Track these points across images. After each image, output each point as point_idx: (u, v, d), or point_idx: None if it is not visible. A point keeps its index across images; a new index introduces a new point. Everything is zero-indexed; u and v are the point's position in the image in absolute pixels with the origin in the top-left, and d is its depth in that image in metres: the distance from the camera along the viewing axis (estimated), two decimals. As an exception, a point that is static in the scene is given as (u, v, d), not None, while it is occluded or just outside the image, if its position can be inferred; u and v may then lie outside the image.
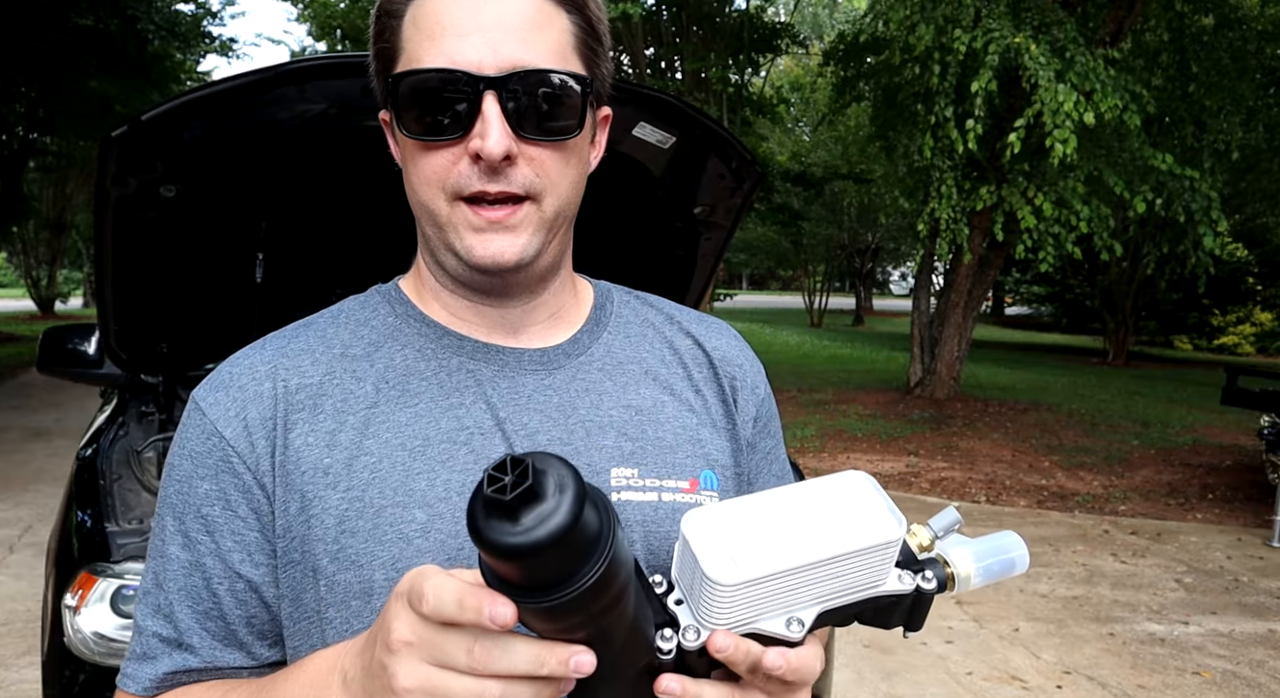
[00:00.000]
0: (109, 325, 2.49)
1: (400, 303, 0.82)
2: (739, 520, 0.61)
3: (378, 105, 0.78)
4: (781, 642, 0.60)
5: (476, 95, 0.68)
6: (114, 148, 1.91)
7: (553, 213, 0.74)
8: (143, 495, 2.35)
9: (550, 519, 0.47)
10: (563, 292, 0.84)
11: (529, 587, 0.49)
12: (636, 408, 0.81)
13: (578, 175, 0.76)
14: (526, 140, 0.70)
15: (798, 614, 0.60)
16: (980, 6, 7.97)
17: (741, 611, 0.59)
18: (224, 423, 0.73)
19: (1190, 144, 9.66)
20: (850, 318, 29.67)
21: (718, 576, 0.57)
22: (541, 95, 0.70)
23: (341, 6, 16.37)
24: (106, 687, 1.98)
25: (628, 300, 0.91)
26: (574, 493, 0.48)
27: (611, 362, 0.83)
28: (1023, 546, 0.68)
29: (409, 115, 0.71)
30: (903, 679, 3.81)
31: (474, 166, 0.70)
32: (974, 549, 0.67)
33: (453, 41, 0.69)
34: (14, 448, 7.58)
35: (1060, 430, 9.93)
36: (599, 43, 0.75)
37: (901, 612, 0.64)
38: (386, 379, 0.76)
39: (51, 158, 18.83)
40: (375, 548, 0.70)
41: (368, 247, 2.96)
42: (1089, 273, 20.24)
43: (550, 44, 0.71)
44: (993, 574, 0.67)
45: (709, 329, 0.91)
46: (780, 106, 16.88)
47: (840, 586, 0.61)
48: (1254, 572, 5.52)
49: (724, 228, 2.70)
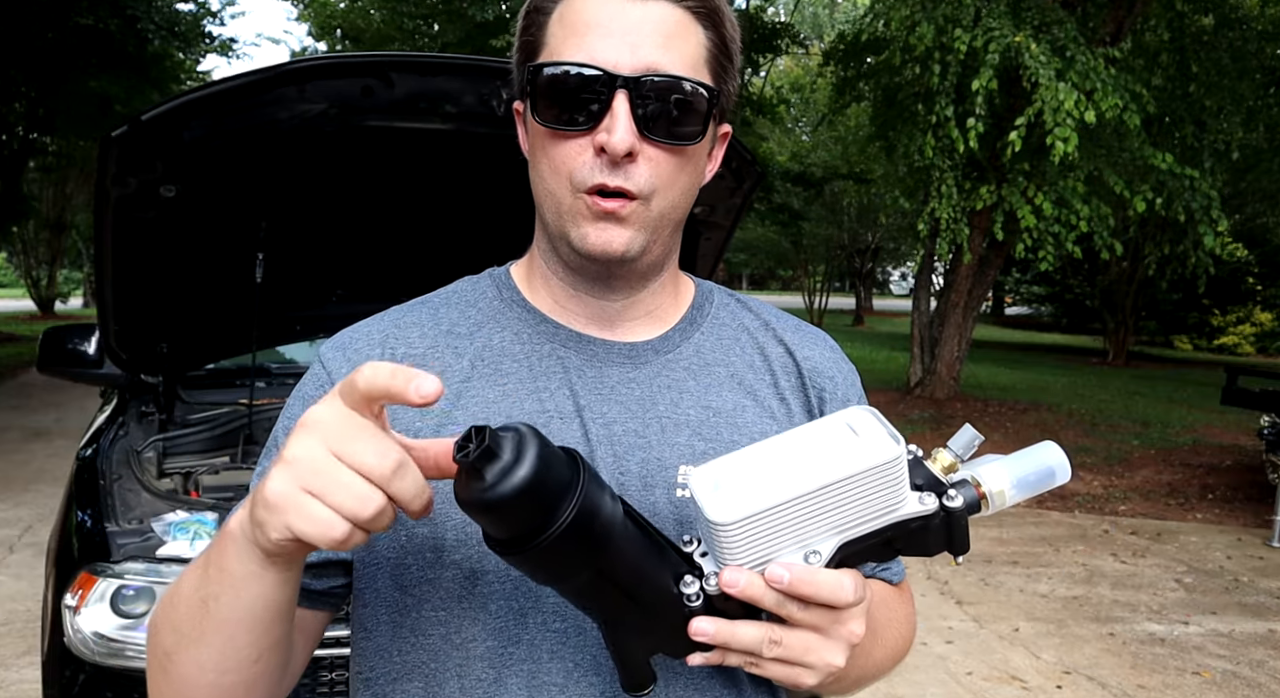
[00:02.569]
0: (109, 325, 2.49)
1: (507, 288, 0.87)
2: (741, 466, 0.63)
3: (514, 95, 0.82)
4: None
5: (610, 92, 0.72)
6: (114, 148, 1.91)
7: (658, 213, 0.77)
8: (143, 495, 2.34)
9: (510, 475, 0.54)
10: (663, 291, 0.87)
11: (514, 539, 0.57)
12: (715, 410, 0.83)
13: (690, 183, 0.79)
14: (650, 141, 0.74)
15: (814, 546, 0.62)
16: (980, 6, 7.96)
17: (754, 549, 0.60)
18: (338, 376, 0.80)
19: (1190, 144, 9.65)
20: (850, 318, 29.64)
21: (716, 515, 0.59)
22: (670, 100, 0.73)
23: (341, 6, 16.38)
24: (107, 687, 1.98)
25: (727, 303, 0.93)
26: (534, 452, 0.55)
27: (699, 362, 0.86)
28: (1061, 455, 0.67)
29: (544, 104, 0.75)
30: (903, 679, 3.81)
31: (597, 159, 0.73)
32: (1007, 465, 0.66)
33: (595, 39, 0.72)
34: (14, 448, 7.58)
35: (1060, 430, 9.93)
36: (730, 61, 0.79)
37: (936, 535, 0.64)
38: (483, 357, 0.82)
39: (51, 158, 18.82)
40: (449, 508, 0.74)
41: (367, 246, 2.96)
42: (1089, 273, 20.25)
43: (685, 54, 0.74)
44: (1029, 486, 0.66)
45: (804, 338, 0.92)
46: (780, 106, 16.89)
47: (853, 514, 0.62)
48: (1254, 572, 5.52)
49: (724, 228, 2.70)
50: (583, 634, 0.75)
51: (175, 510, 2.24)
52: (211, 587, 0.64)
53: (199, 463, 2.77)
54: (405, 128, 2.19)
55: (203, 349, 3.01)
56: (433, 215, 2.86)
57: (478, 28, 13.75)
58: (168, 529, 2.14)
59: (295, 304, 3.04)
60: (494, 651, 0.75)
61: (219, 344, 3.02)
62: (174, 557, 2.04)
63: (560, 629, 0.75)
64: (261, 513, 0.57)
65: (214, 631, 0.66)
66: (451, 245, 2.94)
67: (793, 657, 0.63)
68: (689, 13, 0.75)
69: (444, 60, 2.14)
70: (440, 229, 2.91)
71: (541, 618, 0.75)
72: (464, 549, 0.75)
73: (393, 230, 2.89)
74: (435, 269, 1.29)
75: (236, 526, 0.62)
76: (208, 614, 0.65)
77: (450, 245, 2.94)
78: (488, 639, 0.75)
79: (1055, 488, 0.67)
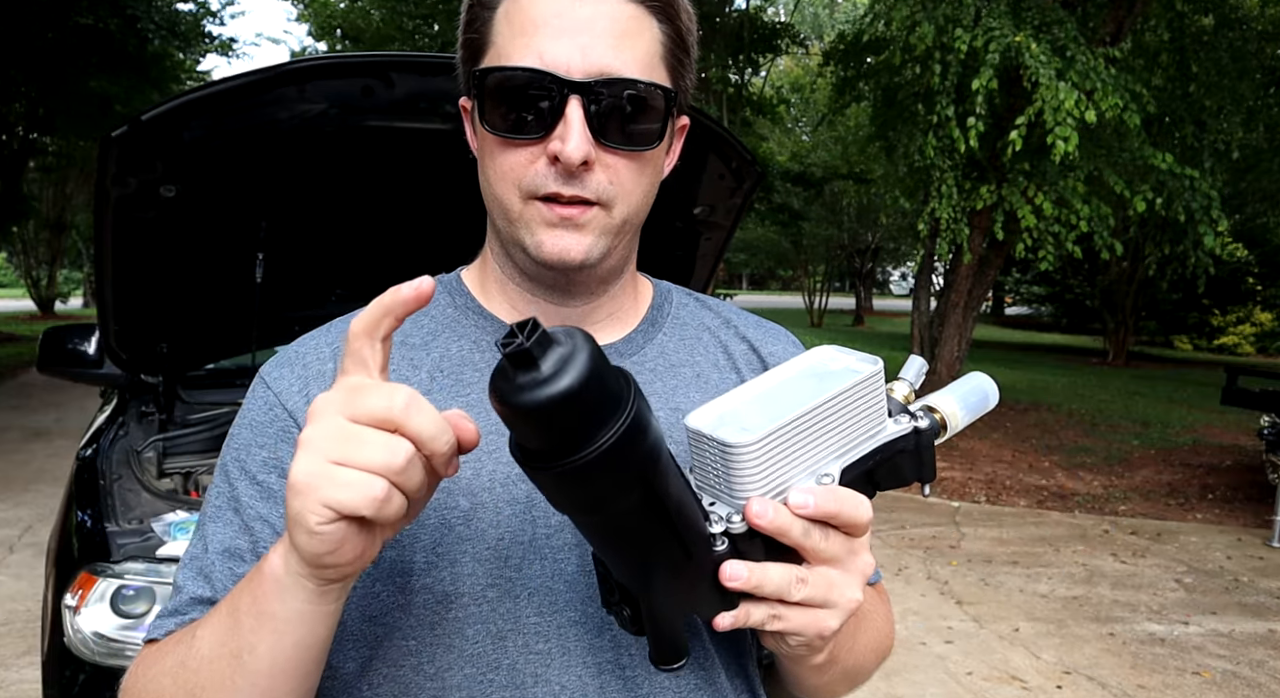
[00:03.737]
0: (109, 325, 2.49)
1: (461, 294, 0.84)
2: (734, 402, 0.63)
3: (460, 91, 0.79)
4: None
5: (562, 98, 0.68)
6: (114, 148, 1.91)
7: (620, 220, 0.74)
8: (143, 495, 2.34)
9: (571, 363, 0.47)
10: (623, 294, 0.85)
11: (557, 447, 0.49)
12: (683, 412, 0.81)
13: (650, 184, 0.77)
14: (606, 148, 0.71)
15: (824, 469, 0.62)
16: (980, 6, 7.96)
17: (769, 476, 0.60)
18: (287, 396, 0.76)
19: (1190, 144, 9.65)
20: (850, 318, 29.64)
21: (737, 439, 0.58)
22: (625, 105, 0.70)
23: (341, 6, 16.38)
24: (106, 687, 1.98)
25: (686, 303, 0.91)
26: (588, 347, 0.49)
27: (663, 363, 0.84)
28: (990, 381, 0.74)
29: (492, 110, 0.71)
30: (902, 679, 3.81)
31: (551, 168, 0.70)
32: (952, 391, 0.72)
33: (544, 40, 0.69)
34: (14, 448, 7.58)
35: (1060, 430, 9.93)
36: (686, 54, 0.76)
37: (910, 461, 0.66)
38: (441, 368, 0.78)
39: (51, 158, 18.82)
40: (417, 530, 0.71)
41: (367, 246, 2.96)
42: (1089, 273, 20.25)
43: (639, 53, 0.71)
44: (973, 408, 0.72)
45: (766, 334, 0.92)
46: (780, 107, 16.90)
47: (850, 435, 0.63)
48: (1254, 572, 5.52)
49: (724, 228, 2.70)
50: (567, 655, 0.73)
51: (175, 510, 2.24)
52: (246, 638, 0.60)
53: (199, 463, 2.77)
54: (405, 128, 2.19)
55: (203, 349, 3.01)
56: (432, 215, 2.86)
57: (478, 28, 13.73)
58: (168, 529, 2.14)
59: (295, 304, 3.04)
60: (472, 679, 0.71)
61: (219, 344, 3.02)
62: (174, 557, 2.04)
63: (543, 651, 0.72)
64: (295, 505, 0.53)
65: (249, 685, 0.61)
66: (451, 245, 2.94)
67: (818, 596, 0.62)
68: (642, 6, 0.71)
69: (444, 60, 2.14)
70: (440, 229, 2.91)
71: (523, 640, 0.72)
72: (434, 572, 0.72)
73: (392, 230, 2.88)
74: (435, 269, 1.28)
75: (279, 562, 0.58)
76: (241, 668, 0.61)
77: (450, 245, 2.94)
78: (465, 667, 0.71)
79: (989, 411, 0.75)
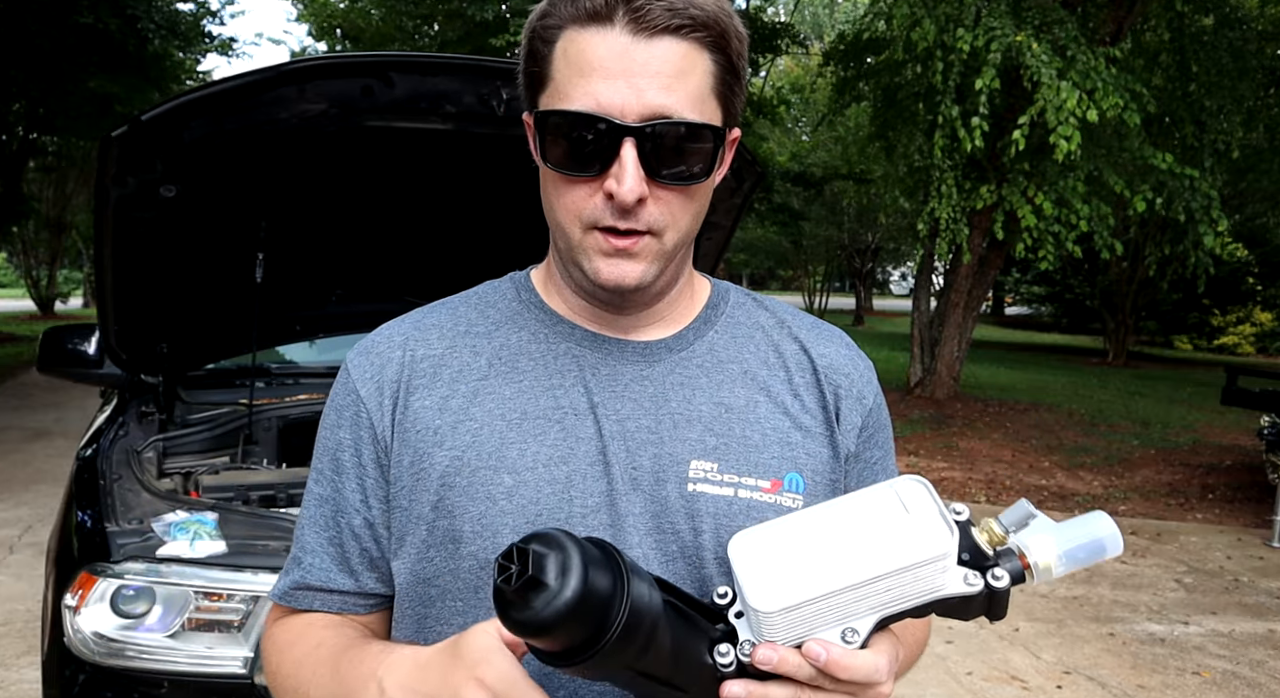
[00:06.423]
0: (109, 325, 2.49)
1: (526, 290, 0.91)
2: (786, 541, 0.62)
3: (521, 108, 0.84)
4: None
5: (616, 141, 0.73)
6: (114, 148, 1.91)
7: (672, 246, 0.80)
8: (143, 495, 2.34)
9: (557, 599, 0.53)
10: (679, 298, 0.89)
11: (564, 652, 0.56)
12: (728, 406, 0.85)
13: (700, 208, 0.82)
14: (658, 184, 0.75)
15: (853, 624, 0.61)
16: (981, 6, 7.97)
17: (793, 628, 0.60)
18: (361, 383, 0.85)
19: (1190, 144, 9.64)
20: (850, 318, 29.62)
21: (759, 603, 0.59)
22: (676, 144, 0.75)
23: (341, 6, 16.38)
24: (106, 687, 1.97)
25: (743, 302, 0.95)
26: (578, 570, 0.54)
27: (712, 359, 0.88)
28: (1112, 526, 0.64)
29: (553, 147, 0.77)
30: (903, 679, 3.80)
31: (607, 203, 0.75)
32: (1056, 537, 0.64)
33: (599, 83, 0.73)
34: (14, 448, 7.58)
35: (1060, 430, 9.93)
36: (737, 79, 0.79)
37: (977, 607, 0.64)
38: (500, 356, 0.85)
39: (51, 158, 18.81)
40: (466, 503, 0.79)
41: (367, 246, 2.96)
42: (1089, 273, 20.23)
43: (690, 90, 0.75)
44: (1078, 561, 0.64)
45: (819, 336, 0.94)
46: (780, 107, 16.87)
47: (896, 596, 0.61)
48: (1254, 572, 5.52)
49: (724, 228, 2.71)
50: None
51: (175, 510, 2.23)
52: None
53: (199, 463, 2.77)
54: (405, 128, 2.19)
55: (203, 349, 3.01)
56: (432, 215, 2.86)
57: (477, 27, 13.74)
58: (168, 529, 2.14)
59: (295, 304, 3.04)
60: None
61: (219, 344, 3.02)
62: (174, 557, 2.04)
63: None
64: None
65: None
66: (451, 245, 2.94)
67: None
68: (694, 42, 0.74)
69: (444, 60, 2.14)
70: (440, 229, 2.92)
71: None
72: (479, 541, 0.79)
73: (392, 230, 2.88)
74: (435, 268, 1.30)
75: (376, 687, 0.70)
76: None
77: (450, 245, 2.94)
78: None
79: (1109, 547, 0.64)
